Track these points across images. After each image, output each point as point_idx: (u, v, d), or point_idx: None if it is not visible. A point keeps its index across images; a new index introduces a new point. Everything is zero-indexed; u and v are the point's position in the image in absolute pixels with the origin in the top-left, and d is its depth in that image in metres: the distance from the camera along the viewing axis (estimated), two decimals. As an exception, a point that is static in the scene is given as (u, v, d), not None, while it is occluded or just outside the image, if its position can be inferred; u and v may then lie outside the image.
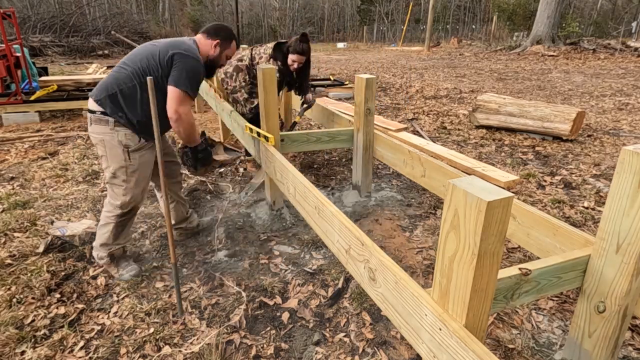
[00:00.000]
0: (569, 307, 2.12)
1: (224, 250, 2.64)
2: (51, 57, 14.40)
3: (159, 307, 2.09)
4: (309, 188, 2.01)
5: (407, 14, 24.59)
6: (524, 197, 3.37)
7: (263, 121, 2.86)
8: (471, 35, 25.53)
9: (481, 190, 1.02)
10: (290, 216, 3.05)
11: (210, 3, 27.90)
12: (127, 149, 2.11)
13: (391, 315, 1.41)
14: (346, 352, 1.85)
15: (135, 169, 2.15)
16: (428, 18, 18.95)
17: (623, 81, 9.05)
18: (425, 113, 6.31)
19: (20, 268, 2.40)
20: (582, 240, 1.60)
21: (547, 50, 14.55)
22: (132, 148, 2.13)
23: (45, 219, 2.94)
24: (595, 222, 2.95)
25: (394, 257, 2.54)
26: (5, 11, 5.84)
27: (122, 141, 2.10)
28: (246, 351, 1.85)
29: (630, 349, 1.85)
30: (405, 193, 3.48)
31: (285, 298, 2.20)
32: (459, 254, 1.08)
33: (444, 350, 1.16)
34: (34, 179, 3.71)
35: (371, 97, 3.01)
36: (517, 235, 1.88)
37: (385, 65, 12.93)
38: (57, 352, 1.83)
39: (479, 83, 9.30)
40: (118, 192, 2.17)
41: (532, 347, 1.86)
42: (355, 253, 1.60)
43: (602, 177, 3.75)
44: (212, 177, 3.82)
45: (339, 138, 3.25)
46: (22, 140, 4.89)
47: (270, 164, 2.74)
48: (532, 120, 4.84)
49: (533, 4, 20.37)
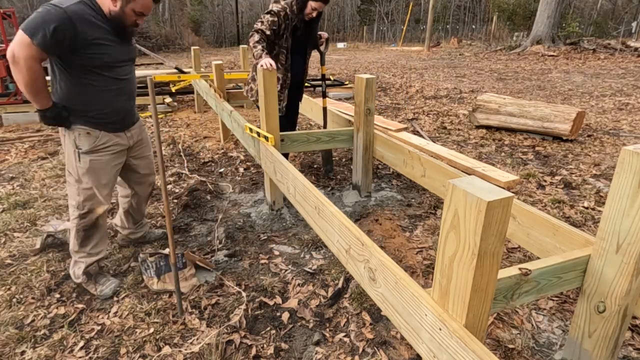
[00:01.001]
0: (569, 307, 2.12)
1: (224, 250, 2.64)
2: (51, 57, 14.38)
3: (159, 307, 2.09)
4: (309, 188, 2.01)
5: (407, 14, 24.59)
6: (524, 197, 3.36)
7: (263, 121, 2.86)
8: (471, 35, 25.53)
9: (481, 190, 1.02)
10: (290, 216, 3.05)
11: (210, 3, 27.89)
12: (78, 150, 2.01)
13: (391, 315, 1.41)
14: (346, 352, 1.85)
15: (84, 172, 2.04)
16: (428, 18, 18.95)
17: (623, 81, 9.05)
18: (425, 113, 6.31)
19: (20, 268, 2.40)
20: (582, 240, 1.60)
21: (547, 50, 14.55)
22: (84, 150, 2.02)
23: (46, 219, 2.94)
24: (595, 222, 2.95)
25: (394, 257, 2.54)
26: (5, 11, 5.84)
27: (76, 142, 2.00)
28: (246, 351, 1.85)
29: (630, 349, 1.85)
30: (405, 193, 3.48)
31: (285, 298, 2.20)
32: (459, 254, 1.08)
33: (444, 350, 1.16)
34: (34, 179, 3.71)
35: (371, 97, 3.01)
36: (517, 235, 1.88)
37: (385, 65, 12.93)
38: (57, 352, 1.83)
39: (479, 83, 9.30)
40: (72, 191, 2.10)
41: (532, 347, 1.86)
42: (355, 253, 1.60)
43: (602, 177, 3.75)
44: (212, 177, 3.82)
45: (339, 138, 3.25)
46: (22, 140, 4.89)
47: (270, 164, 2.74)
48: (532, 120, 4.84)
49: (533, 4, 20.37)
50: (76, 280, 2.21)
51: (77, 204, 2.10)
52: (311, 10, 3.04)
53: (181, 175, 3.84)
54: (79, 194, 2.08)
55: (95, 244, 2.20)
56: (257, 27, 2.98)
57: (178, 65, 8.41)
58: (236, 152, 4.45)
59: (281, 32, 3.05)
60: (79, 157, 2.03)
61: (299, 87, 3.48)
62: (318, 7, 3.03)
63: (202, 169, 4.03)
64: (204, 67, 9.72)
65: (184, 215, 3.09)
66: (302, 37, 3.20)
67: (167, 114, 6.40)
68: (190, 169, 4.02)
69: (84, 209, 2.10)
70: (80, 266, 2.18)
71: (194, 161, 4.24)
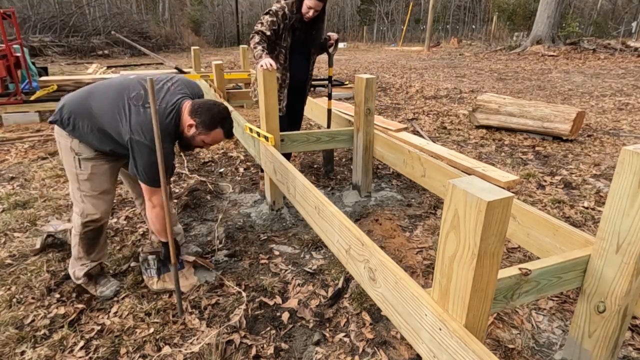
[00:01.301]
0: (569, 307, 2.12)
1: (224, 250, 2.64)
2: (51, 57, 14.40)
3: (159, 307, 2.09)
4: (309, 188, 2.01)
5: (407, 14, 24.59)
6: (524, 197, 3.36)
7: (263, 121, 2.86)
8: (471, 35, 25.51)
9: (481, 190, 1.02)
10: (290, 216, 3.05)
11: (210, 3, 27.88)
12: (77, 157, 2.00)
13: (391, 315, 1.41)
14: (346, 352, 1.85)
15: (86, 178, 2.03)
16: (428, 18, 18.94)
17: (623, 81, 9.05)
18: (425, 113, 6.31)
19: (20, 268, 2.40)
20: (582, 240, 1.60)
21: (547, 50, 14.54)
22: (83, 157, 2.00)
23: (46, 219, 2.94)
24: (595, 222, 2.95)
25: (394, 257, 2.54)
26: (5, 11, 5.84)
27: (74, 148, 1.99)
28: (246, 351, 1.85)
29: (630, 349, 1.85)
30: (405, 193, 3.48)
31: (285, 298, 2.20)
32: (459, 254, 1.08)
33: (444, 350, 1.16)
34: (34, 179, 3.71)
35: (371, 97, 3.01)
36: (517, 235, 1.88)
37: (385, 65, 12.93)
38: (57, 352, 1.83)
39: (479, 83, 9.30)
40: (76, 198, 2.08)
41: (532, 347, 1.86)
42: (355, 253, 1.60)
43: (602, 177, 3.75)
44: (212, 177, 3.82)
45: (339, 138, 3.25)
46: (22, 140, 4.89)
47: (270, 164, 2.74)
48: (532, 120, 4.84)
49: (533, 4, 20.37)
50: (76, 281, 2.20)
51: (81, 211, 2.07)
52: (307, 9, 3.01)
53: (181, 175, 3.84)
54: (83, 201, 2.06)
55: (99, 250, 2.19)
56: (257, 28, 2.99)
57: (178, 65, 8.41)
58: (236, 152, 4.45)
59: (280, 32, 3.04)
60: (80, 163, 2.01)
61: (301, 89, 3.41)
62: (314, 6, 2.99)
63: (202, 169, 4.03)
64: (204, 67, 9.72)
65: (184, 215, 3.09)
66: (303, 37, 3.18)
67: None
68: (190, 169, 4.02)
69: (86, 218, 2.07)
70: (82, 269, 2.16)
71: (194, 161, 4.24)
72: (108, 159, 2.07)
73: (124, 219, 2.99)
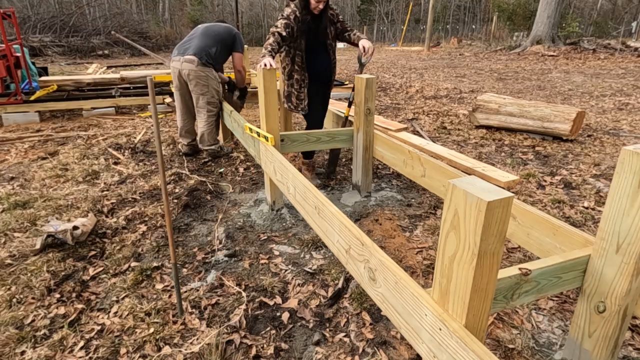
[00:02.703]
0: (569, 307, 2.12)
1: (224, 250, 2.64)
2: (51, 57, 14.40)
3: (159, 307, 2.09)
4: (309, 188, 2.01)
5: (407, 14, 24.59)
6: (524, 197, 3.37)
7: (263, 121, 2.86)
8: (471, 35, 25.52)
9: (481, 190, 1.02)
10: (290, 216, 3.05)
11: (211, 3, 27.90)
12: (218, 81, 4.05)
13: (391, 315, 1.41)
14: (346, 352, 1.85)
15: (219, 89, 4.10)
16: (428, 18, 18.95)
17: (623, 81, 9.05)
18: (425, 113, 6.31)
19: (20, 268, 2.40)
20: (582, 240, 1.60)
21: (547, 50, 14.55)
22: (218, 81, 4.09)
23: (46, 219, 2.94)
24: (595, 222, 2.95)
25: (394, 257, 2.54)
26: (5, 11, 5.84)
27: (216, 77, 4.01)
28: (246, 351, 1.85)
29: (630, 349, 1.85)
30: (405, 193, 3.48)
31: (285, 298, 2.20)
32: (459, 254, 1.08)
33: (444, 350, 1.16)
34: (34, 179, 3.71)
35: (371, 97, 3.01)
36: (517, 235, 1.88)
37: (385, 65, 12.93)
38: (57, 352, 1.83)
39: (479, 83, 9.30)
40: (212, 102, 4.02)
41: (532, 347, 1.86)
42: (355, 253, 1.60)
43: (602, 177, 3.75)
44: (212, 177, 3.82)
45: (339, 138, 3.25)
46: (22, 140, 4.89)
47: (270, 164, 2.74)
48: (532, 120, 4.84)
49: (533, 4, 20.38)
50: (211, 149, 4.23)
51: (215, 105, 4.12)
52: (315, 3, 3.08)
53: (181, 175, 3.84)
54: (216, 106, 4.11)
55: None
56: (273, 30, 3.08)
57: (178, 65, 8.39)
58: (236, 152, 4.45)
59: (294, 34, 3.12)
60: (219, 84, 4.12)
61: (327, 78, 3.49)
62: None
63: (202, 169, 4.03)
64: (204, 67, 9.67)
65: (184, 215, 3.09)
66: (316, 33, 3.25)
67: (167, 114, 6.39)
68: (190, 169, 4.02)
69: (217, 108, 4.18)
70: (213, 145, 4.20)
71: (194, 161, 4.24)
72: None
73: (124, 219, 2.99)
